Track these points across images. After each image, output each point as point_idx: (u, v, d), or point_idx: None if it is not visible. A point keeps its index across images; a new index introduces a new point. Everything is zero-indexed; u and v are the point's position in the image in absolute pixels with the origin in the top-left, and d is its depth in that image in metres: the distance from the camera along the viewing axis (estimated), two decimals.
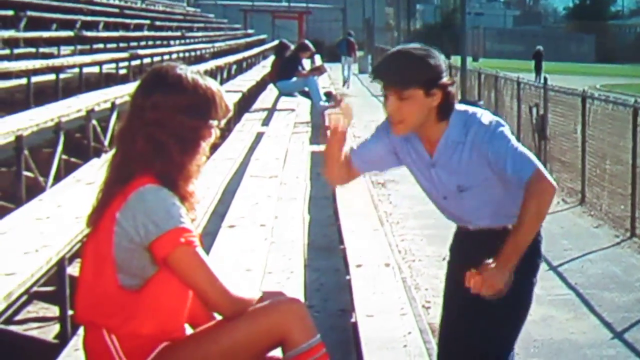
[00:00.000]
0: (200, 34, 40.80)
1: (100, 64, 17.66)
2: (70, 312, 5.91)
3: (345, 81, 36.17)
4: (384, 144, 3.93)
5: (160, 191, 3.20)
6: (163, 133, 3.23)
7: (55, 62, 15.85)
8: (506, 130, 3.72)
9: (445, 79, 3.68)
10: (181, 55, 26.72)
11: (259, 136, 13.01)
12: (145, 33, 30.16)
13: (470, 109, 3.79)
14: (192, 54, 28.59)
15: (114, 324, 3.20)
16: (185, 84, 3.28)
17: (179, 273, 3.17)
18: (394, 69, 3.69)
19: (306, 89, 17.61)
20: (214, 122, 3.34)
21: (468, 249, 3.89)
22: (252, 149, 11.66)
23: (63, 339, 5.81)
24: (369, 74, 3.84)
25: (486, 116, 3.76)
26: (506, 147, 3.65)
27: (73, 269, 6.23)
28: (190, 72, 3.33)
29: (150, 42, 29.06)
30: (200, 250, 3.21)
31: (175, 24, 37.55)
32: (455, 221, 4.00)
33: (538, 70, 44.92)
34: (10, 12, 18.70)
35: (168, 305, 3.24)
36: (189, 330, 3.38)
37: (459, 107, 3.78)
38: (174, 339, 3.29)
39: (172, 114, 3.24)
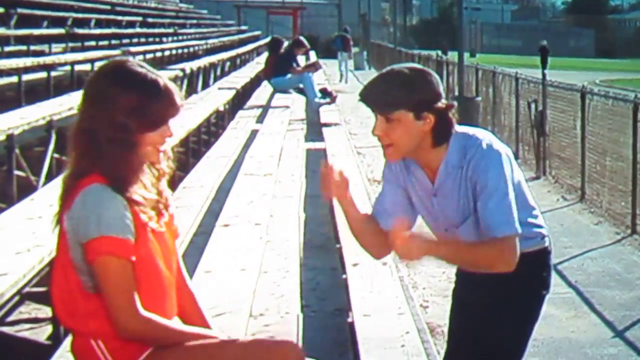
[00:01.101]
0: (193, 30, 40.81)
1: (92, 61, 17.61)
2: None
3: (342, 77, 36.32)
4: (396, 187, 3.71)
5: (102, 192, 3.11)
6: (108, 133, 3.13)
7: (47, 59, 15.84)
8: (506, 164, 3.53)
9: (439, 103, 3.49)
10: (174, 52, 26.67)
11: (254, 134, 12.98)
12: (138, 30, 30.13)
13: (473, 131, 3.61)
14: (185, 50, 28.57)
15: (90, 329, 3.16)
16: (143, 82, 3.17)
17: (96, 280, 3.12)
18: (380, 90, 3.51)
19: (301, 85, 17.57)
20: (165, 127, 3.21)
21: (473, 281, 3.73)
22: (246, 147, 11.64)
23: (55, 340, 5.79)
24: (358, 96, 3.66)
25: (488, 141, 3.56)
26: (493, 193, 3.48)
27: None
28: (148, 70, 3.22)
29: (142, 39, 29.03)
30: (124, 262, 3.11)
31: (167, 20, 37.54)
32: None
33: (544, 65, 44.89)
34: (0, 10, 18.62)
35: None
36: (180, 324, 3.31)
37: (460, 129, 3.59)
38: None
39: (124, 114, 3.13)
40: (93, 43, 23.51)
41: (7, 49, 17.47)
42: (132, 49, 22.25)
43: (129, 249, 3.10)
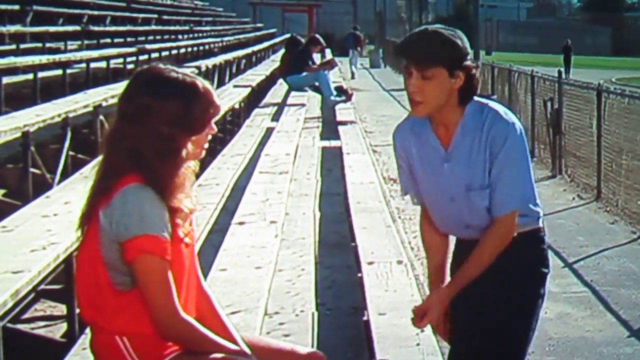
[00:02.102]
0: (208, 28, 40.85)
1: (107, 58, 17.65)
2: (78, 311, 5.85)
3: (354, 74, 36.56)
4: (405, 162, 3.78)
5: (143, 192, 3.12)
6: (156, 146, 3.13)
7: (62, 57, 15.88)
8: (522, 138, 3.63)
9: (469, 62, 3.60)
10: (189, 49, 26.69)
11: (269, 131, 12.94)
12: (153, 27, 30.18)
13: (485, 100, 3.69)
14: (201, 48, 28.59)
15: (117, 326, 3.16)
16: (183, 89, 3.17)
17: (137, 279, 3.13)
18: (419, 45, 3.58)
19: (317, 83, 17.54)
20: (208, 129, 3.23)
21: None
22: (262, 145, 11.61)
23: (71, 337, 5.81)
24: (394, 48, 3.71)
25: (503, 112, 3.65)
26: (511, 164, 3.59)
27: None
28: (184, 74, 3.21)
29: (158, 37, 29.10)
30: (164, 262, 3.13)
31: (183, 17, 37.60)
32: (457, 233, 3.81)
33: (567, 64, 45.13)
34: (16, 7, 18.71)
35: None
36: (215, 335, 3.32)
37: (477, 99, 3.67)
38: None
39: (169, 125, 3.13)
40: (108, 40, 23.56)
41: (22, 46, 17.52)
42: (148, 46, 22.28)
43: (167, 249, 3.12)
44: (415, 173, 3.76)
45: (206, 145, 3.27)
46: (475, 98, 3.66)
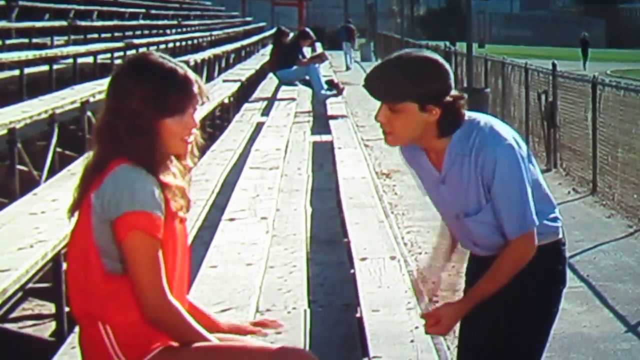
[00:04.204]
0: (197, 22, 40.83)
1: (94, 54, 17.60)
2: (66, 309, 5.91)
3: (348, 67, 37.47)
4: (413, 171, 3.69)
5: (133, 171, 3.14)
6: (127, 122, 3.18)
7: (49, 52, 15.85)
8: (516, 154, 3.45)
9: (447, 97, 3.38)
10: (178, 44, 26.63)
11: (259, 126, 12.93)
12: (141, 22, 30.12)
13: (481, 119, 3.50)
14: (189, 42, 28.55)
15: (106, 312, 3.14)
16: (158, 72, 3.21)
17: (126, 258, 3.12)
18: (384, 79, 3.41)
19: (307, 77, 17.47)
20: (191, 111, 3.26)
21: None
22: (252, 140, 11.60)
23: (59, 336, 5.80)
24: (363, 81, 3.56)
25: (491, 127, 3.46)
26: (508, 189, 3.43)
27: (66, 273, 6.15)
28: (169, 60, 3.26)
29: (145, 31, 29.05)
30: (154, 241, 3.12)
31: (171, 12, 37.55)
32: (469, 248, 3.73)
33: (585, 56, 45.51)
34: (1, 2, 18.63)
35: None
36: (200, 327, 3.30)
37: (468, 115, 3.48)
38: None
39: (139, 103, 3.18)
40: (96, 35, 23.50)
41: (8, 41, 17.46)
42: (135, 41, 22.24)
43: (159, 228, 3.12)
44: (423, 186, 3.68)
45: (189, 139, 3.26)
46: (467, 114, 3.48)
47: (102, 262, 3.13)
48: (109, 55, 18.65)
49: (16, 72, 13.99)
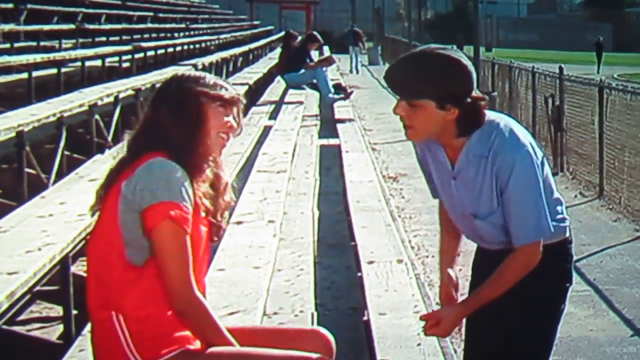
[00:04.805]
0: (205, 25, 40.84)
1: (102, 57, 17.59)
2: (74, 312, 5.91)
3: (353, 69, 37.76)
4: (427, 168, 3.67)
5: (168, 164, 3.21)
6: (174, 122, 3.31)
7: (57, 55, 15.83)
8: (534, 159, 3.43)
9: (465, 98, 3.36)
10: (185, 47, 26.64)
11: (267, 130, 12.92)
12: (149, 25, 30.16)
13: (500, 120, 3.49)
14: (197, 46, 28.54)
15: (122, 302, 3.17)
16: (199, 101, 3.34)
17: (156, 246, 3.16)
18: (405, 76, 3.38)
19: (315, 81, 17.46)
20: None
21: (493, 270, 3.61)
22: (259, 143, 11.59)
23: (67, 339, 5.77)
24: (384, 74, 3.56)
25: (510, 130, 3.45)
26: (523, 195, 3.41)
27: (77, 268, 6.34)
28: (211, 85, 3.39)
29: (153, 35, 29.07)
30: (184, 233, 3.18)
31: (179, 15, 37.58)
32: (476, 242, 3.73)
33: (599, 60, 45.38)
34: (10, 5, 18.67)
35: None
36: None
37: (489, 116, 3.47)
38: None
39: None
40: (103, 38, 23.51)
41: (17, 45, 17.49)
42: (143, 44, 22.23)
43: (189, 221, 3.17)
44: (435, 181, 3.66)
45: (226, 138, 3.42)
46: (488, 114, 3.46)
47: (124, 251, 3.17)
48: (117, 58, 18.63)
49: (24, 75, 13.99)
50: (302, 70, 17.50)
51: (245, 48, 30.79)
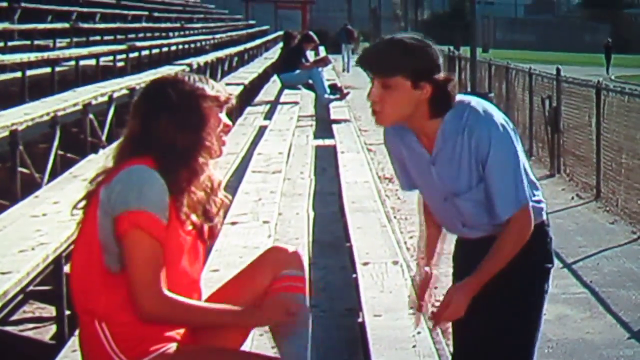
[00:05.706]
0: (200, 25, 40.84)
1: (97, 56, 17.57)
2: (67, 312, 5.91)
3: (345, 68, 37.64)
4: (396, 157, 3.72)
5: (148, 172, 3.17)
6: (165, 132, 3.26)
7: (51, 54, 15.82)
8: (510, 133, 3.51)
9: (438, 75, 3.45)
10: (180, 47, 26.63)
11: (262, 130, 12.92)
12: (144, 24, 30.13)
13: (471, 99, 3.56)
14: (192, 45, 28.53)
15: (103, 310, 3.16)
16: (191, 103, 3.31)
17: (124, 254, 3.14)
18: (379, 54, 3.50)
19: (310, 81, 17.44)
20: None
21: (475, 259, 3.62)
22: (254, 144, 11.58)
23: (60, 339, 5.79)
24: (357, 59, 3.64)
25: (482, 111, 3.52)
26: (503, 167, 3.48)
27: (70, 268, 6.14)
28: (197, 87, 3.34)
29: (148, 34, 29.05)
30: (153, 241, 3.14)
31: (174, 14, 37.58)
32: (456, 232, 3.75)
33: (608, 61, 45.52)
34: (4, 4, 18.63)
35: None
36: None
37: (459, 97, 3.54)
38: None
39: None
40: (98, 38, 23.48)
41: (10, 43, 17.47)
42: (138, 44, 22.21)
43: (161, 231, 3.13)
44: (410, 172, 3.69)
45: (224, 138, 3.38)
46: (458, 97, 3.53)
47: (103, 258, 3.16)
48: (111, 57, 18.60)
49: (18, 74, 13.97)
50: (298, 70, 17.51)
51: (240, 48, 30.80)
